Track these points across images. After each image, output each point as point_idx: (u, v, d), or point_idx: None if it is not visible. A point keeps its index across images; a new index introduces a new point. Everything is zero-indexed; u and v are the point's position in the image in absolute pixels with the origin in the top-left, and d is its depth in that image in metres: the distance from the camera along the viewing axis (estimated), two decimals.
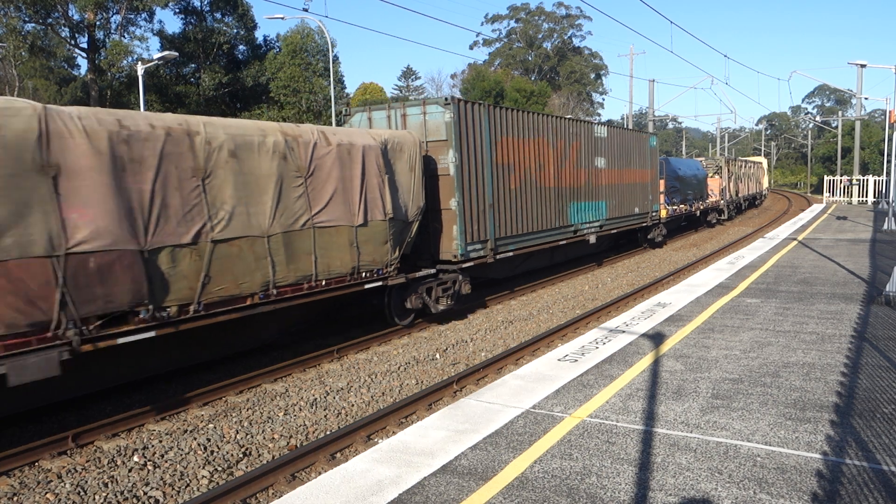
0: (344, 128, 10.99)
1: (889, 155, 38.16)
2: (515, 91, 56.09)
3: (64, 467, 6.68)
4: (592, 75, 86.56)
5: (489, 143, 13.43)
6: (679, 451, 4.99)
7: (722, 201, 34.38)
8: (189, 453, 7.00)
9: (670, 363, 7.29)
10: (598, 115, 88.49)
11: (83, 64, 41.91)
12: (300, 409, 8.29)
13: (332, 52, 36.14)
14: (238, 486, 5.98)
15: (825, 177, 48.83)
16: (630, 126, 52.36)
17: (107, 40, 39.21)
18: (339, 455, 6.96)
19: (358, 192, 10.33)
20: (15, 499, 6.08)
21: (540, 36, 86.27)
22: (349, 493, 4.48)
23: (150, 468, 6.68)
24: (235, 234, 8.51)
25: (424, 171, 11.97)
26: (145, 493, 6.18)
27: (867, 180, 44.59)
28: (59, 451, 6.97)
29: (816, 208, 37.58)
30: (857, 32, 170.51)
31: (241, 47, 47.44)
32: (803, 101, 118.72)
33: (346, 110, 14.44)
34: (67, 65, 45.34)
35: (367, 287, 10.63)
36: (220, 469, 6.72)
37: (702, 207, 30.80)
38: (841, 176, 47.52)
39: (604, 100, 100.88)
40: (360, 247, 10.43)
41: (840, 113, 76.02)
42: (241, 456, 7.01)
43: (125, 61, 38.30)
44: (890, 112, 29.16)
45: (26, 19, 36.51)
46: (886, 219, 24.32)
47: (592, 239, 18.54)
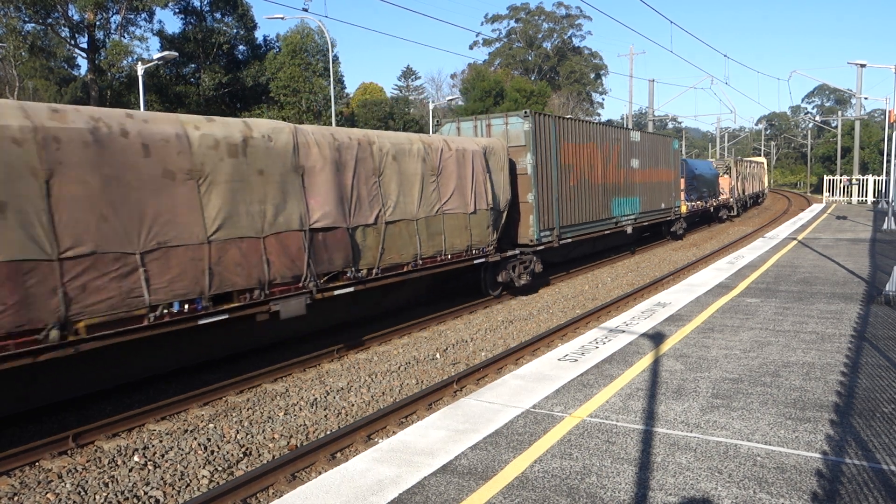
0: (457, 136, 14.61)
1: (889, 154, 38.16)
2: (515, 91, 56.09)
3: (64, 467, 6.69)
4: (592, 75, 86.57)
5: (555, 147, 16.23)
6: (679, 451, 5.00)
7: (731, 199, 36.80)
8: (189, 453, 7.01)
9: (670, 363, 7.29)
10: (598, 115, 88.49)
11: (83, 64, 41.93)
12: (300, 409, 8.30)
13: (332, 52, 36.16)
14: (238, 486, 5.98)
15: (825, 176, 48.84)
16: (630, 126, 52.79)
17: (107, 40, 39.21)
18: (339, 455, 6.97)
19: (469, 187, 13.14)
20: (15, 499, 6.08)
21: (540, 36, 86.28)
22: (349, 492, 4.48)
23: (150, 468, 6.68)
24: (398, 218, 11.38)
25: (510, 170, 14.68)
26: (146, 493, 6.18)
27: (867, 180, 44.59)
28: (59, 451, 6.98)
29: (816, 208, 37.58)
30: (857, 32, 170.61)
31: (241, 47, 47.44)
32: (803, 100, 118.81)
33: (437, 121, 17.54)
34: (67, 65, 45.33)
35: (475, 262, 13.54)
36: (220, 469, 6.72)
37: (715, 204, 33.48)
38: (841, 176, 47.51)
39: (603, 100, 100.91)
40: (472, 230, 13.26)
41: (840, 113, 76.02)
42: (241, 456, 7.01)
43: (125, 61, 38.31)
44: (889, 112, 29.17)
45: (26, 19, 36.51)
46: (886, 218, 24.33)
47: (629, 230, 21.26)
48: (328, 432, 7.61)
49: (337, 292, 10.17)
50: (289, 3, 53.18)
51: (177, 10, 43.44)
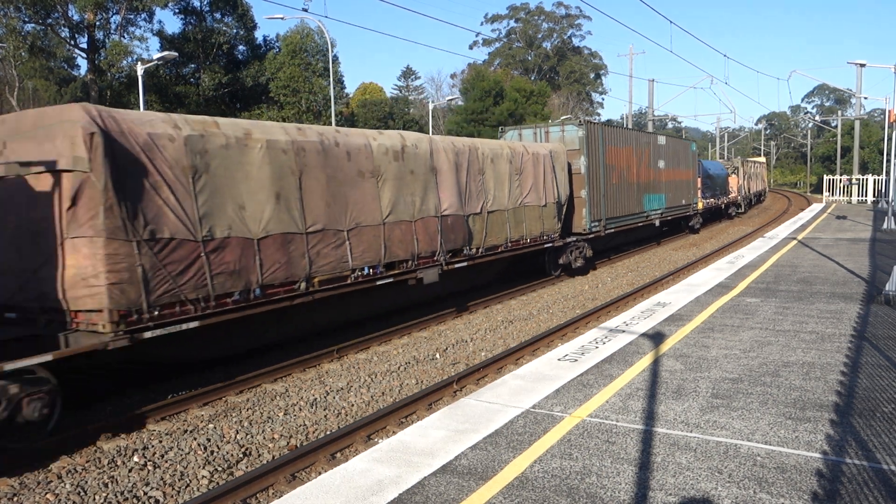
0: (532, 142, 17.73)
1: (888, 154, 38.13)
2: (515, 91, 56.05)
3: (64, 467, 6.68)
4: (592, 75, 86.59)
5: (602, 151, 19.01)
6: (679, 451, 4.99)
7: (739, 196, 39.86)
8: (189, 453, 7.00)
9: (670, 363, 7.29)
10: (598, 115, 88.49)
11: (83, 64, 41.91)
12: (300, 409, 8.30)
13: (332, 52, 36.17)
14: (238, 486, 5.98)
15: (825, 176, 48.82)
16: (629, 126, 53.21)
17: (106, 40, 39.19)
18: (339, 455, 6.96)
19: (542, 184, 15.92)
20: (15, 499, 6.08)
21: (539, 36, 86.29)
22: (349, 492, 4.48)
23: (150, 468, 6.68)
24: (495, 208, 14.28)
25: (567, 170, 17.44)
26: (145, 494, 6.18)
27: (867, 179, 44.58)
28: (58, 452, 6.97)
29: (816, 208, 37.57)
30: (857, 32, 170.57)
31: (240, 47, 47.43)
32: (803, 100, 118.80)
33: (501, 129, 20.33)
34: (67, 65, 45.29)
35: (545, 245, 16.41)
36: (220, 469, 6.72)
37: (725, 202, 36.42)
38: (840, 175, 47.50)
39: (603, 99, 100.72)
40: (543, 219, 16.08)
41: (839, 112, 76.03)
42: (241, 456, 7.01)
43: (125, 61, 38.29)
44: (889, 111, 29.16)
45: (26, 19, 36.51)
46: (886, 218, 24.32)
47: (657, 223, 24.39)
48: (328, 432, 7.60)
49: (457, 265, 13.17)
50: (288, 3, 53.19)
51: (176, 11, 43.42)
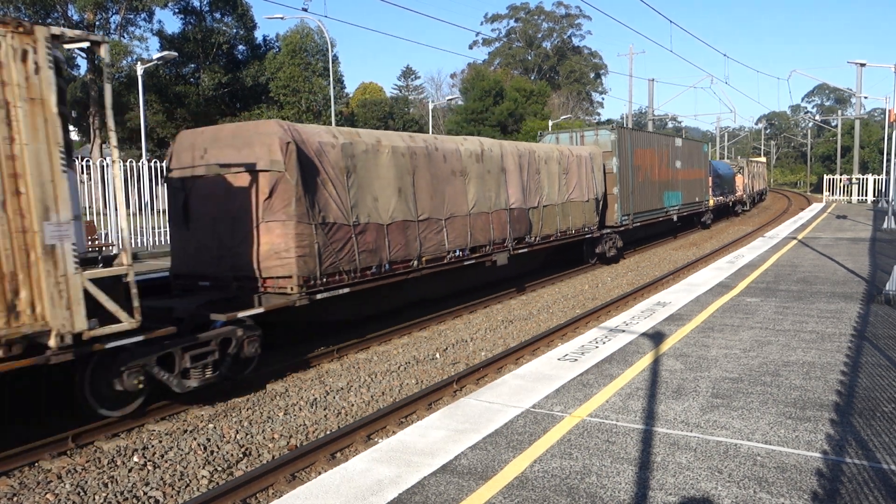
0: (569, 145, 19.92)
1: (889, 154, 38.13)
2: (515, 91, 56.06)
3: (64, 467, 6.68)
4: (592, 75, 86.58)
5: (630, 152, 21.34)
6: (679, 451, 4.99)
7: (744, 195, 42.60)
8: (189, 453, 7.00)
9: (670, 362, 7.29)
10: (598, 114, 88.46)
11: (83, 64, 41.91)
12: (300, 409, 8.29)
13: (332, 51, 36.17)
14: (238, 486, 5.98)
15: (825, 176, 48.82)
16: (629, 126, 53.24)
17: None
18: (338, 455, 6.96)
19: (584, 182, 18.27)
20: (15, 499, 6.08)
21: (539, 35, 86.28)
22: (349, 492, 4.48)
23: (150, 468, 6.68)
24: (548, 203, 16.53)
25: (602, 170, 19.69)
26: (145, 494, 6.18)
27: (867, 179, 44.58)
28: (59, 452, 6.97)
29: (816, 207, 37.57)
30: (857, 32, 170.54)
31: (240, 47, 47.45)
32: (803, 100, 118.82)
33: (540, 133, 22.86)
34: (67, 65, 45.29)
35: (586, 236, 18.82)
36: (220, 469, 6.72)
37: (732, 199, 39.08)
38: (840, 175, 47.49)
39: (603, 99, 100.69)
40: (585, 213, 18.43)
41: (839, 112, 75.98)
42: (241, 456, 7.01)
43: (125, 61, 38.29)
44: (889, 111, 29.16)
45: (26, 19, 36.49)
46: (886, 217, 24.32)
47: (675, 218, 26.91)
48: (328, 432, 7.60)
49: (521, 251, 15.54)
50: (288, 3, 53.19)
51: (176, 10, 43.44)
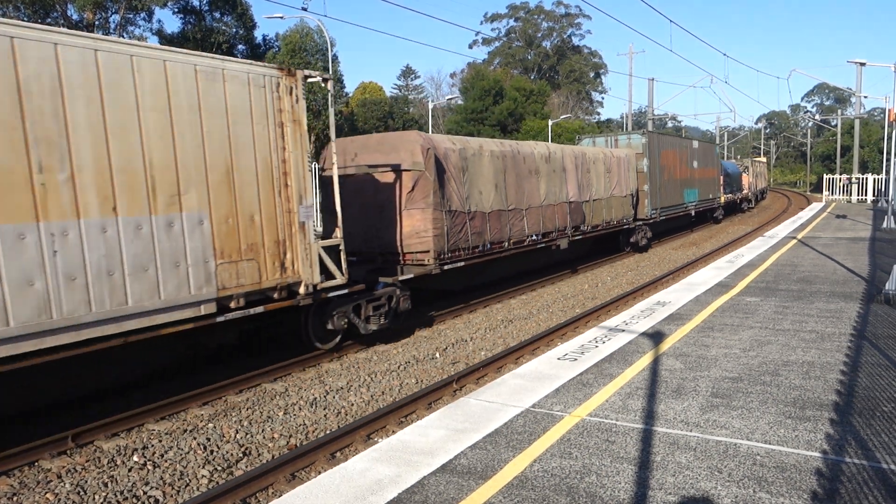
0: (605, 147, 22.69)
1: (888, 153, 38.10)
2: (515, 90, 56.03)
3: (64, 467, 6.68)
4: (592, 74, 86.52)
5: (658, 153, 24.45)
6: (679, 450, 4.99)
7: (749, 192, 45.38)
8: (189, 453, 7.00)
9: (670, 362, 7.29)
10: (598, 114, 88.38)
11: None
12: (300, 409, 8.29)
13: (332, 51, 36.15)
14: (238, 486, 5.98)
15: (824, 175, 48.79)
16: (629, 126, 53.53)
17: None
18: (338, 454, 6.96)
19: (623, 180, 21.40)
20: (15, 499, 6.08)
21: (539, 35, 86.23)
22: (349, 492, 4.48)
23: (149, 468, 6.68)
24: (596, 197, 19.48)
25: (635, 169, 22.78)
26: (145, 493, 6.18)
27: (866, 179, 44.53)
28: (58, 451, 6.97)
29: (816, 207, 37.56)
30: (857, 31, 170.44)
31: (240, 47, 47.37)
32: (802, 99, 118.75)
33: (578, 137, 26.46)
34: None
35: (624, 227, 21.95)
36: (219, 468, 6.72)
37: (739, 196, 41.88)
38: (840, 174, 47.48)
39: (603, 99, 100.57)
40: (624, 207, 21.58)
41: (839, 111, 75.95)
42: (240, 455, 7.01)
43: None
44: (889, 110, 29.14)
45: (25, 19, 36.48)
46: (886, 217, 24.32)
47: (692, 213, 30.00)
48: (328, 432, 7.60)
49: (577, 237, 18.48)
50: (288, 3, 53.16)
51: (176, 10, 43.39)
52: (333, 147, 10.32)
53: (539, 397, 6.25)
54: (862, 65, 37.99)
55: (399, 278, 11.72)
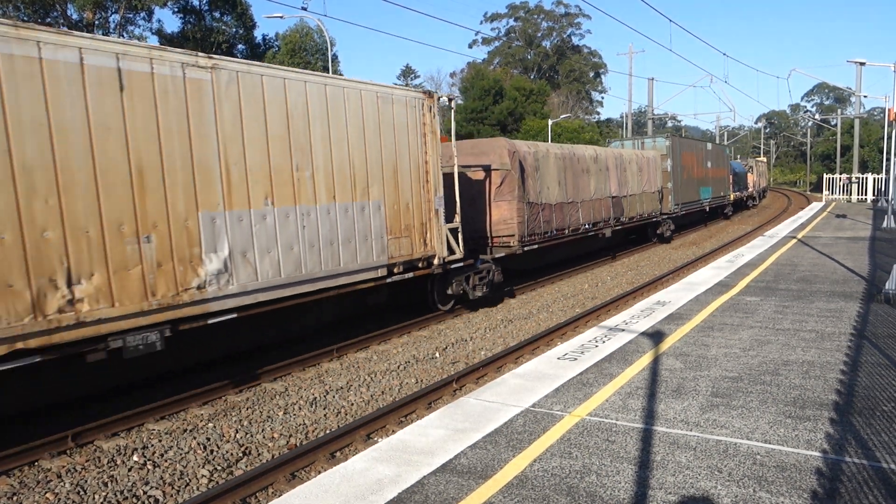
0: (632, 149, 25.07)
1: (888, 153, 38.11)
2: (515, 90, 55.99)
3: (64, 467, 6.68)
4: (591, 74, 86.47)
5: (679, 155, 27.44)
6: (679, 450, 4.99)
7: (754, 191, 48.15)
8: (189, 452, 7.00)
9: (670, 361, 7.29)
10: (598, 113, 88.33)
11: None
12: (300, 409, 8.29)
13: (331, 50, 36.14)
14: (238, 486, 5.98)
15: (824, 175, 48.81)
16: (629, 125, 53.69)
17: None
18: (338, 454, 6.96)
19: (651, 178, 24.27)
20: (15, 498, 6.08)
21: (539, 34, 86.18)
22: (349, 491, 4.48)
23: (149, 467, 6.68)
24: (631, 193, 22.29)
25: (661, 169, 25.74)
26: (145, 493, 6.18)
27: (866, 178, 44.53)
28: (58, 451, 6.98)
29: (816, 206, 37.55)
30: (857, 31, 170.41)
31: (240, 46, 47.39)
32: (802, 99, 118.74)
33: (609, 140, 29.48)
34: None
35: (653, 220, 24.77)
36: (219, 468, 6.72)
37: (745, 195, 44.37)
38: (840, 174, 47.48)
39: (603, 98, 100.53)
40: (652, 202, 24.31)
41: (839, 111, 75.95)
42: (240, 455, 7.01)
43: None
44: (889, 110, 29.13)
45: (25, 19, 36.46)
46: (886, 217, 24.32)
47: (707, 209, 32.70)
48: (327, 431, 7.60)
49: (617, 228, 21.31)
50: (288, 2, 53.12)
51: (176, 10, 43.41)
52: (454, 150, 13.21)
53: (539, 397, 6.25)
54: (862, 64, 37.99)
55: (494, 256, 14.45)
